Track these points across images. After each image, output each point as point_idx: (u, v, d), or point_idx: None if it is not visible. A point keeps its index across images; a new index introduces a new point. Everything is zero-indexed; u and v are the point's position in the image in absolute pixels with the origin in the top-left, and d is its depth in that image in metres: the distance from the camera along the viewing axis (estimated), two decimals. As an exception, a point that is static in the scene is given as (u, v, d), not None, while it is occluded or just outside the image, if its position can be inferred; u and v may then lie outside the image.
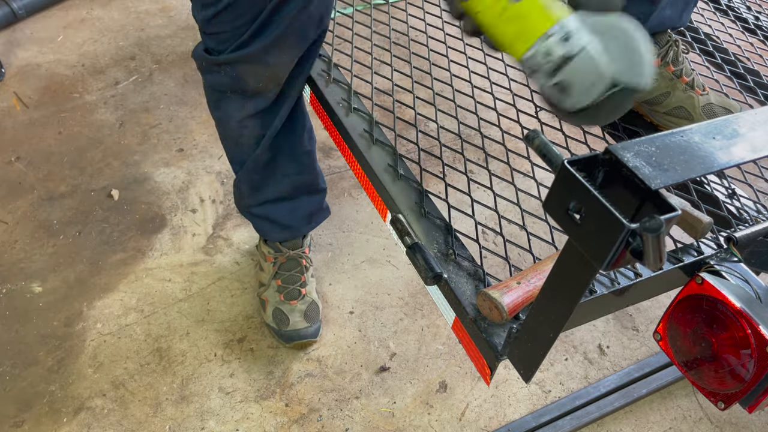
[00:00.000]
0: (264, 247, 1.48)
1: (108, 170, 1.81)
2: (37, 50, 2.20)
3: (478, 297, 0.81)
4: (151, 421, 1.30)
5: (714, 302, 0.75)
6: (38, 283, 1.52)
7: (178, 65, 2.19)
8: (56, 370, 1.37)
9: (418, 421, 1.35)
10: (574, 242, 0.55)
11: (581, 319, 0.85)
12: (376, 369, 1.43)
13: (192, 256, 1.61)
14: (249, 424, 1.31)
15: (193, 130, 1.95)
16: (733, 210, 1.01)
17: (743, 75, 1.34)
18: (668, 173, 0.51)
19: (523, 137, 0.81)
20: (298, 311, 1.43)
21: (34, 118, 1.94)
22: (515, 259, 0.95)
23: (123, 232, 1.65)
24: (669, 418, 1.40)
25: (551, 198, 0.55)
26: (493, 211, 0.99)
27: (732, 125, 0.59)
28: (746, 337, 0.71)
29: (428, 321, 1.53)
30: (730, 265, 0.81)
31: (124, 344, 1.42)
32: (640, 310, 1.60)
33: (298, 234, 1.46)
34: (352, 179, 1.85)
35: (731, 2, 1.62)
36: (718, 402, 0.76)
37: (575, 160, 0.53)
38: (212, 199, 1.75)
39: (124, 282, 1.54)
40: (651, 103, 1.13)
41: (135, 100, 2.04)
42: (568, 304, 0.61)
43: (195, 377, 1.38)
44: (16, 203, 1.69)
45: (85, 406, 1.32)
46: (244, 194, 1.36)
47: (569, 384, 1.44)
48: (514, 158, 1.10)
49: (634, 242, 0.48)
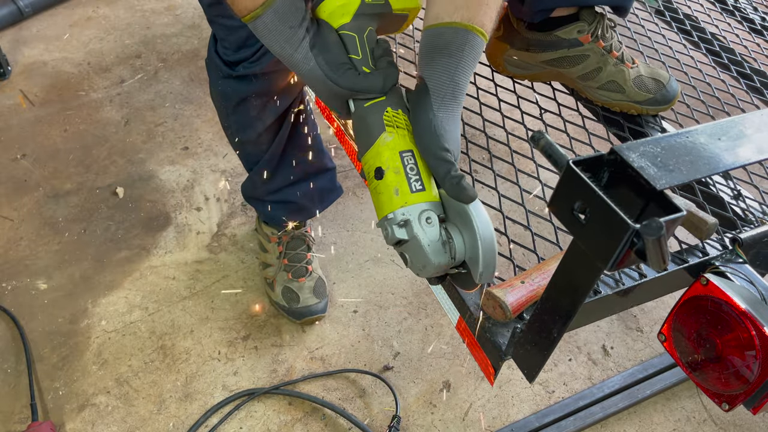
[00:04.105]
0: (266, 228, 1.51)
1: (113, 168, 1.81)
2: (43, 48, 2.20)
3: (482, 296, 0.81)
4: (155, 418, 1.31)
5: (719, 303, 0.74)
6: (43, 280, 1.53)
7: (183, 64, 2.19)
8: (61, 367, 1.37)
9: (421, 420, 1.35)
10: (578, 242, 0.55)
11: (585, 320, 0.85)
12: (379, 368, 1.43)
13: (196, 254, 1.61)
14: (252, 422, 1.31)
15: (199, 128, 1.96)
16: (738, 211, 1.00)
17: (750, 75, 1.34)
18: (673, 174, 0.51)
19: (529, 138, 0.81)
20: (307, 288, 1.46)
21: (40, 116, 1.95)
22: (519, 259, 0.95)
23: (128, 230, 1.65)
24: (673, 419, 1.40)
25: (556, 198, 0.55)
26: (498, 212, 0.99)
27: (738, 126, 0.59)
28: (751, 338, 0.71)
29: (432, 320, 1.53)
30: (735, 266, 0.80)
31: (129, 341, 1.43)
32: (644, 311, 1.60)
33: (310, 215, 1.51)
34: (356, 178, 1.85)
35: (738, 3, 1.61)
36: (723, 403, 0.76)
37: (580, 161, 0.53)
38: (217, 198, 1.76)
39: (129, 279, 1.54)
40: (585, 79, 1.14)
41: (140, 99, 2.04)
42: (572, 305, 0.60)
43: (199, 375, 1.38)
44: (22, 200, 1.70)
45: (89, 403, 1.32)
46: (257, 185, 1.40)
47: (573, 384, 1.44)
48: (518, 159, 1.10)
49: (639, 243, 0.48)
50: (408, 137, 0.75)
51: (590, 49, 1.11)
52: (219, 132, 1.92)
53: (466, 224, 0.70)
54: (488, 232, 0.69)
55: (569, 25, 1.10)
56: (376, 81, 0.74)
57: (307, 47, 0.72)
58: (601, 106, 1.18)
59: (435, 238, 0.70)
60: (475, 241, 0.69)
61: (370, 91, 0.75)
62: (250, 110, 1.20)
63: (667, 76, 1.15)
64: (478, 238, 0.69)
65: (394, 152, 0.73)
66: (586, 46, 1.11)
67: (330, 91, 0.75)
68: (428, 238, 0.70)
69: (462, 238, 0.71)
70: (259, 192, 1.42)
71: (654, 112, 1.15)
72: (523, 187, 1.03)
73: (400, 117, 0.75)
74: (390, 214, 0.72)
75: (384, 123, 0.74)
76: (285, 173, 1.37)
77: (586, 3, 1.10)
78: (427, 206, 0.71)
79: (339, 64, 0.74)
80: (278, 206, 1.44)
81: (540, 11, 1.09)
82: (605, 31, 1.12)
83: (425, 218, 0.70)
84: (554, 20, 1.11)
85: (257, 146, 1.30)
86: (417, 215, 0.70)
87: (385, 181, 0.73)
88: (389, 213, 0.72)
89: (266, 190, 1.40)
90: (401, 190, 0.72)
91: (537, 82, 1.23)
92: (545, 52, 1.13)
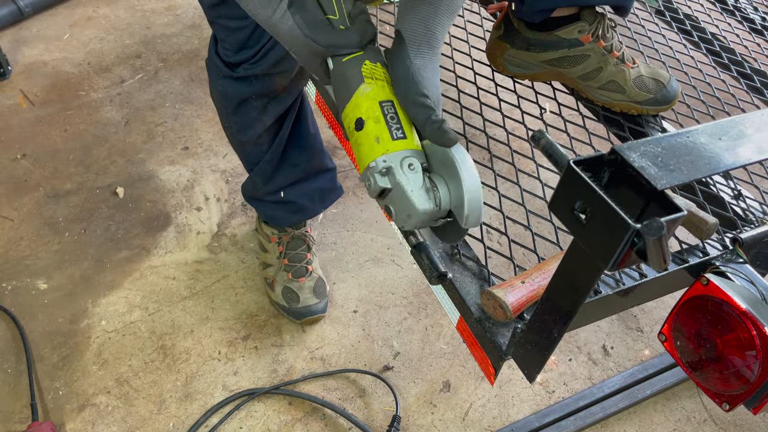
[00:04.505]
0: (267, 228, 1.51)
1: (113, 168, 1.81)
2: (43, 48, 2.20)
3: (483, 296, 0.81)
4: (155, 418, 1.31)
5: (719, 303, 0.75)
6: (43, 280, 1.53)
7: (183, 64, 2.19)
8: (61, 367, 1.37)
9: (421, 420, 1.35)
10: (579, 242, 0.55)
11: (586, 320, 0.85)
12: (379, 368, 1.43)
13: (197, 254, 1.61)
14: (253, 422, 1.31)
15: (199, 128, 1.96)
16: (738, 211, 1.00)
17: (750, 75, 1.34)
18: (674, 174, 0.51)
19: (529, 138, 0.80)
20: (307, 288, 1.46)
21: (40, 116, 1.95)
22: (520, 259, 0.95)
23: (128, 230, 1.65)
24: (673, 419, 1.40)
25: (557, 198, 0.55)
26: (498, 212, 0.99)
27: (738, 126, 0.59)
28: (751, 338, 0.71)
29: (432, 320, 1.53)
30: (736, 266, 0.80)
31: (129, 342, 1.43)
32: (644, 311, 1.60)
33: (311, 215, 1.51)
34: (356, 178, 1.85)
35: (738, 2, 1.61)
36: (723, 403, 0.76)
37: (581, 160, 0.53)
38: (217, 198, 1.76)
39: (129, 279, 1.54)
40: (585, 79, 1.14)
41: (141, 99, 2.04)
42: (572, 305, 0.60)
43: (199, 375, 1.38)
44: (22, 200, 1.70)
45: (89, 403, 1.32)
46: (258, 185, 1.40)
47: (573, 384, 1.44)
48: (518, 159, 1.10)
49: (639, 243, 0.48)
50: (387, 88, 0.74)
51: (591, 49, 1.11)
52: (219, 132, 1.92)
53: (450, 169, 0.69)
54: (472, 174, 0.68)
55: (570, 25, 1.10)
56: (353, 36, 0.75)
57: (285, 7, 0.73)
58: (602, 106, 1.18)
59: (418, 185, 0.69)
60: (459, 186, 0.68)
61: (347, 46, 0.75)
62: (251, 111, 1.20)
63: (668, 76, 1.16)
64: (462, 182, 0.67)
65: (374, 102, 0.73)
66: (587, 46, 1.11)
67: (309, 50, 0.76)
68: (411, 184, 0.68)
69: (447, 187, 0.70)
70: (259, 192, 1.42)
71: (654, 112, 1.15)
72: (523, 187, 1.03)
73: (378, 69, 0.75)
74: (372, 162, 0.71)
75: (362, 75, 0.74)
76: (285, 174, 1.37)
77: (586, 3, 1.10)
78: (410, 153, 0.71)
79: (317, 22, 0.74)
80: (279, 207, 1.44)
81: (540, 11, 1.09)
82: (606, 31, 1.12)
83: (407, 164, 0.69)
84: (555, 20, 1.11)
85: (258, 147, 1.30)
86: (399, 162, 0.69)
87: (365, 130, 0.72)
88: (371, 162, 0.71)
89: (267, 190, 1.40)
90: (382, 138, 0.71)
91: (537, 81, 1.23)
92: (546, 51, 1.13)
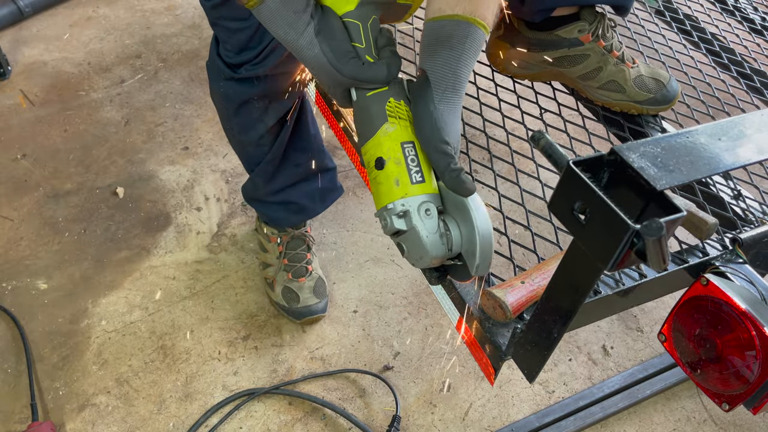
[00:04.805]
0: (267, 228, 1.51)
1: (113, 168, 1.81)
2: (43, 48, 2.20)
3: (482, 296, 0.81)
4: (155, 418, 1.31)
5: (719, 303, 0.74)
6: (43, 280, 1.53)
7: (183, 64, 2.19)
8: (61, 367, 1.37)
9: (421, 420, 1.35)
10: (578, 243, 0.55)
11: (586, 320, 0.85)
12: (379, 368, 1.43)
13: (197, 254, 1.61)
14: (252, 422, 1.31)
15: (199, 128, 1.96)
16: (738, 211, 1.00)
17: (750, 75, 1.34)
18: (673, 174, 0.51)
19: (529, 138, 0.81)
20: (307, 288, 1.46)
21: (40, 116, 1.95)
22: (520, 259, 0.95)
23: (128, 230, 1.65)
24: (673, 419, 1.40)
25: (556, 198, 0.55)
26: (498, 212, 0.99)
27: (738, 126, 0.59)
28: (751, 338, 0.71)
29: (432, 320, 1.53)
30: (735, 266, 0.80)
31: (129, 342, 1.43)
32: (644, 311, 1.60)
33: (311, 215, 1.51)
34: (356, 178, 1.85)
35: (738, 3, 1.61)
36: (723, 403, 0.76)
37: (580, 161, 0.53)
38: (217, 198, 1.76)
39: (129, 279, 1.54)
40: (585, 79, 1.15)
41: (140, 99, 2.04)
42: (572, 305, 0.60)
43: (199, 375, 1.38)
44: (22, 200, 1.70)
45: (89, 403, 1.32)
46: (259, 186, 1.40)
47: (573, 384, 1.44)
48: (518, 159, 1.10)
49: (639, 243, 0.48)
50: (409, 128, 0.75)
51: (591, 48, 1.11)
52: (219, 132, 1.92)
53: (464, 217, 0.71)
54: (486, 225, 0.70)
55: (570, 25, 1.10)
56: (380, 71, 0.75)
57: (312, 33, 0.72)
58: (602, 106, 1.18)
59: (433, 230, 0.71)
60: (472, 235, 0.70)
61: (373, 81, 0.75)
62: (253, 112, 1.20)
63: (668, 76, 1.16)
64: (476, 232, 0.69)
65: (396, 143, 0.74)
66: (587, 46, 1.11)
67: (333, 79, 0.75)
68: (427, 230, 0.70)
69: (459, 231, 0.72)
70: (260, 193, 1.43)
71: (654, 112, 1.15)
72: (523, 187, 1.03)
73: (402, 108, 0.76)
74: (390, 204, 0.72)
75: (386, 113, 0.75)
76: (286, 174, 1.37)
77: (586, 2, 1.10)
78: (427, 198, 0.72)
79: (343, 52, 0.74)
80: (280, 207, 1.44)
81: (540, 11, 1.09)
82: (606, 31, 1.12)
83: (424, 210, 0.71)
84: (555, 20, 1.11)
85: (259, 147, 1.30)
86: (416, 207, 0.71)
87: (385, 171, 0.73)
88: (389, 203, 0.73)
89: (267, 191, 1.40)
90: (402, 181, 0.72)
91: (537, 81, 1.23)
92: (546, 51, 1.13)
